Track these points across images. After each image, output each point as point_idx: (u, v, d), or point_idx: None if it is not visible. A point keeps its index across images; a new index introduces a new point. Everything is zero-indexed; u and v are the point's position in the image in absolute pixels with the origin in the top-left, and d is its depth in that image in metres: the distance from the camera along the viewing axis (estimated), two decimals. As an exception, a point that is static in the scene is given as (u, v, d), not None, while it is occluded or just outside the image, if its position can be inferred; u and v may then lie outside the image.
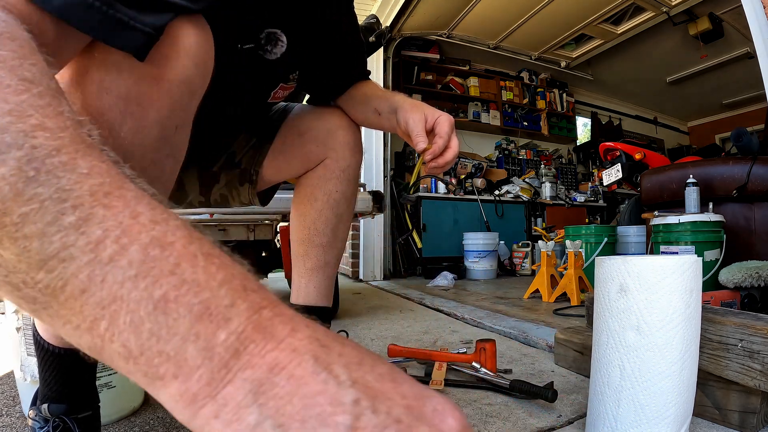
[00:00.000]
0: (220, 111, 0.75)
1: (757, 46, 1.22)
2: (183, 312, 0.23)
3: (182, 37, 0.44)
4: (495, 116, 5.05)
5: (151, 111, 0.43)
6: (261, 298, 0.25)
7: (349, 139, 0.90)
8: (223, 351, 0.22)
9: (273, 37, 0.69)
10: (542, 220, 4.60)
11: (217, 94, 0.69)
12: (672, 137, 6.58)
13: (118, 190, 0.24)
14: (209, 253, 0.25)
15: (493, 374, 0.98)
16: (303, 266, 0.91)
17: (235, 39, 0.65)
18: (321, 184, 0.90)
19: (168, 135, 0.46)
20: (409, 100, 0.82)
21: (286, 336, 0.23)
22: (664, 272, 0.62)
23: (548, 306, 2.08)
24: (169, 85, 0.44)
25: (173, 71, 0.44)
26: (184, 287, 0.23)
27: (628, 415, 0.63)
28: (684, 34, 4.20)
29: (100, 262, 0.23)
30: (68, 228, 0.23)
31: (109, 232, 0.23)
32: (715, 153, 4.13)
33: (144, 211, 0.24)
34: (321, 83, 0.92)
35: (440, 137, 0.76)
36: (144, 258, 0.23)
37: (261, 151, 0.90)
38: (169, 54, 0.43)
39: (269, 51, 0.70)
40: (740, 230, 1.87)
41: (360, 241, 3.59)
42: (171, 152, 0.48)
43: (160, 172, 0.48)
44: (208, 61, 0.48)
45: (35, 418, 0.65)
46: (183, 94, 0.46)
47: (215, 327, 0.23)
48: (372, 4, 3.65)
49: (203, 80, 0.49)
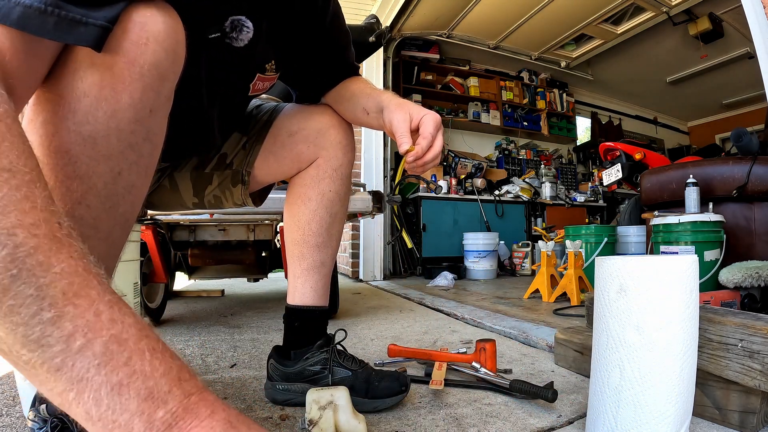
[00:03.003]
0: (201, 107, 0.75)
1: (757, 46, 1.22)
2: (133, 394, 0.31)
3: (150, 24, 0.47)
4: (495, 116, 5.05)
5: (123, 95, 0.46)
6: (191, 386, 0.34)
7: (341, 138, 0.90)
8: (161, 424, 0.31)
9: (237, 23, 0.69)
10: (542, 220, 4.60)
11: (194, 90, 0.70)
12: (672, 137, 6.58)
13: (85, 289, 0.31)
14: (155, 348, 0.33)
15: (493, 374, 0.98)
16: (298, 267, 0.91)
17: (200, 29, 0.66)
18: (314, 184, 0.89)
19: (142, 118, 0.48)
20: (395, 99, 0.80)
21: (206, 416, 0.33)
22: (664, 272, 0.62)
23: (548, 306, 2.08)
24: (140, 70, 0.46)
25: (143, 56, 0.46)
26: (134, 376, 0.31)
27: (628, 415, 0.63)
28: (684, 34, 4.21)
29: (71, 351, 0.30)
30: (46, 322, 0.29)
31: (77, 328, 0.30)
32: (715, 153, 4.13)
33: (105, 309, 0.32)
34: (306, 79, 0.92)
35: (424, 138, 0.74)
36: (104, 351, 0.31)
37: (252, 152, 0.90)
38: (138, 40, 0.46)
39: (235, 38, 0.70)
40: (740, 230, 1.87)
41: (360, 241, 3.59)
42: (147, 136, 0.50)
43: (138, 156, 0.50)
44: (177, 46, 0.50)
45: (34, 419, 0.65)
46: (154, 78, 0.48)
47: (156, 407, 0.31)
48: (372, 4, 3.65)
49: (174, 65, 0.51)
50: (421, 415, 0.83)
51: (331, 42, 0.88)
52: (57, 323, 0.30)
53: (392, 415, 0.84)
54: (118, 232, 0.52)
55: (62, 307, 0.30)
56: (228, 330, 1.64)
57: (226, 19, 0.68)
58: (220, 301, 2.48)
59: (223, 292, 2.81)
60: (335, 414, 0.70)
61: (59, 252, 0.31)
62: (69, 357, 0.30)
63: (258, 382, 1.03)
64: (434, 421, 0.80)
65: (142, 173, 0.52)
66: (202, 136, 0.82)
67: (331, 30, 0.86)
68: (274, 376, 0.90)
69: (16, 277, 0.29)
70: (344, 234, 3.73)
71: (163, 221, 1.89)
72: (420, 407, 0.87)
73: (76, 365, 0.30)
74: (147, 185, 0.54)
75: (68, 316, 0.30)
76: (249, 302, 2.41)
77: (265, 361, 1.04)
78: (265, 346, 1.38)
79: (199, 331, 1.63)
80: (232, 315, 1.99)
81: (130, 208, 0.52)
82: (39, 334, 0.29)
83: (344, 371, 0.87)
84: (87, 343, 0.30)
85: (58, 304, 0.30)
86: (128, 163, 0.49)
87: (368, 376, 0.86)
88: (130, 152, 0.49)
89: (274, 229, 2.19)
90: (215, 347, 1.37)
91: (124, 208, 0.51)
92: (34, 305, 0.29)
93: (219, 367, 1.16)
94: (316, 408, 0.71)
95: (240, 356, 1.26)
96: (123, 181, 0.49)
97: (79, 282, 0.31)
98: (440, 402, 0.90)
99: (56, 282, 0.30)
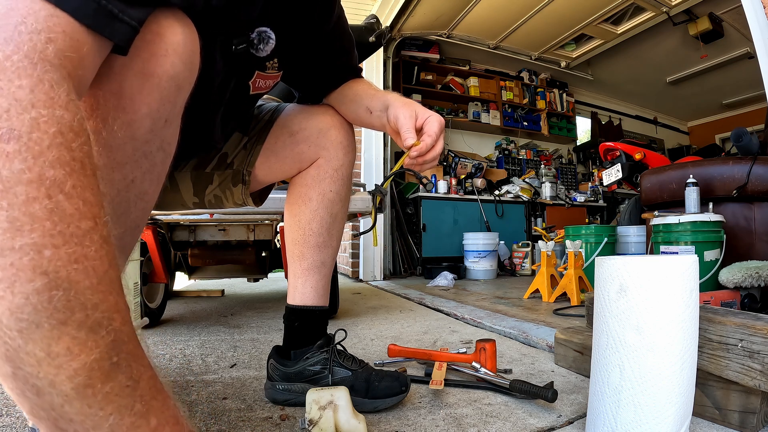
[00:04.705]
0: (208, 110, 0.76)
1: (757, 46, 1.22)
2: None
3: (170, 35, 0.46)
4: (495, 116, 5.05)
5: (141, 105, 0.45)
6: None
7: (342, 138, 0.90)
8: None
9: (265, 35, 0.70)
10: (542, 220, 4.60)
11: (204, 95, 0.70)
12: (672, 137, 6.58)
13: (161, 393, 0.32)
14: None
15: (493, 374, 0.98)
16: (299, 267, 0.91)
17: (227, 40, 0.66)
18: (314, 184, 0.89)
19: (157, 128, 0.48)
20: (401, 98, 0.82)
21: None
22: (664, 272, 0.62)
23: (548, 306, 2.08)
24: (158, 81, 0.46)
25: (161, 68, 0.46)
26: None
27: (627, 415, 0.63)
28: (684, 34, 4.21)
29: None
30: (137, 414, 0.30)
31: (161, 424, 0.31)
32: (715, 153, 4.13)
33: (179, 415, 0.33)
34: (309, 80, 0.92)
35: (429, 136, 0.76)
36: None
37: (253, 152, 0.90)
38: (158, 51, 0.46)
39: (262, 49, 0.71)
40: (740, 230, 1.87)
41: (360, 241, 3.59)
42: (161, 145, 0.50)
43: (151, 164, 0.50)
44: (194, 58, 0.50)
45: (35, 419, 0.65)
46: (171, 90, 0.48)
47: None
48: (372, 4, 3.65)
49: (190, 76, 0.51)
50: (421, 415, 0.83)
51: (335, 44, 0.88)
52: (147, 417, 0.30)
53: (392, 415, 0.84)
54: (128, 238, 0.52)
55: (149, 401, 0.30)
56: (228, 330, 1.64)
57: (253, 30, 0.69)
58: (220, 301, 2.48)
59: (223, 292, 2.81)
60: (335, 414, 0.70)
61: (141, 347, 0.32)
62: None
63: (258, 382, 1.03)
64: (434, 421, 0.80)
65: (155, 181, 0.52)
66: (205, 137, 0.82)
67: (334, 32, 0.86)
68: (274, 376, 0.90)
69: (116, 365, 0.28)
70: (344, 234, 3.73)
71: (163, 221, 1.89)
72: (420, 407, 0.87)
73: None
74: (158, 192, 0.54)
75: (154, 411, 0.31)
76: (249, 302, 2.41)
77: (265, 361, 1.04)
78: (265, 346, 1.38)
79: (199, 331, 1.63)
80: (232, 315, 1.99)
81: (141, 215, 0.52)
82: (129, 425, 0.29)
83: (344, 371, 0.87)
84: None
85: (146, 397, 0.30)
86: (142, 171, 0.49)
87: (368, 376, 0.86)
88: (144, 161, 0.49)
89: (275, 229, 2.19)
90: (215, 347, 1.37)
91: (136, 215, 0.51)
92: (130, 395, 0.29)
93: (219, 367, 1.16)
94: (316, 408, 0.71)
95: (240, 356, 1.26)
96: (136, 188, 0.49)
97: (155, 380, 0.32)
98: (440, 402, 0.90)
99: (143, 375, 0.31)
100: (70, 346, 0.26)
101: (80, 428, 0.28)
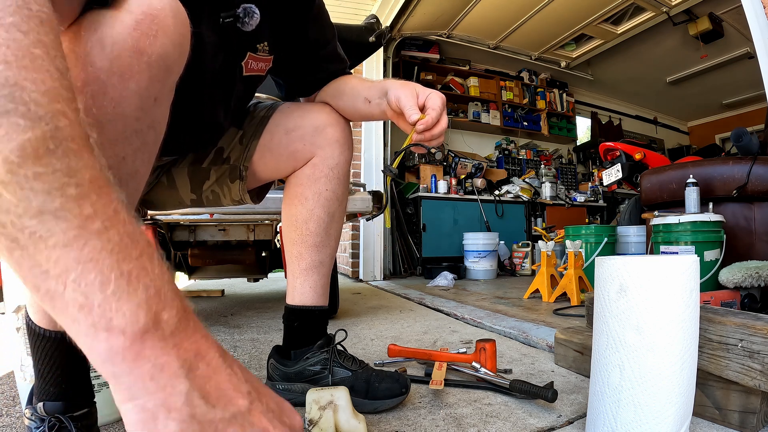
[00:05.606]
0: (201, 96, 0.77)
1: (757, 46, 1.22)
2: (141, 287, 0.30)
3: (161, 16, 0.48)
4: (495, 116, 5.05)
5: (130, 83, 0.47)
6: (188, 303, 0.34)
7: (339, 136, 0.89)
8: (166, 326, 0.31)
9: (249, 10, 0.74)
10: (542, 220, 4.60)
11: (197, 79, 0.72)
12: (672, 137, 6.58)
13: (107, 187, 0.31)
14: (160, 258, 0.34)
15: (493, 374, 0.98)
16: (297, 267, 0.91)
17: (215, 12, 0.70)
18: (310, 183, 0.89)
19: (147, 106, 0.50)
20: (399, 81, 0.83)
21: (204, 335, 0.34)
22: (664, 272, 0.62)
23: (548, 306, 2.08)
24: (148, 60, 0.47)
25: (151, 47, 0.47)
26: (143, 271, 0.31)
27: (627, 415, 0.63)
28: (684, 34, 4.21)
29: (86, 230, 0.29)
30: (69, 197, 0.28)
31: (98, 213, 0.29)
32: (715, 153, 4.13)
33: (121, 209, 0.32)
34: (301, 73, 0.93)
35: (433, 110, 0.77)
36: (119, 240, 0.30)
37: (249, 147, 0.90)
38: (148, 32, 0.47)
39: (247, 23, 0.75)
40: (740, 230, 1.87)
41: (360, 241, 3.59)
42: (151, 124, 0.52)
43: (142, 142, 0.51)
44: (183, 39, 0.51)
45: (31, 418, 0.65)
46: (160, 69, 0.49)
47: (163, 306, 0.31)
48: (372, 4, 3.65)
49: (180, 58, 0.52)
50: (421, 415, 0.83)
51: (318, 32, 0.90)
52: (79, 201, 0.28)
53: (392, 415, 0.84)
54: None
55: (87, 190, 0.29)
56: (228, 330, 1.64)
57: (239, 6, 0.73)
58: (220, 301, 2.48)
59: (223, 292, 2.81)
60: (335, 414, 0.70)
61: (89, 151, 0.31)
62: (83, 235, 0.28)
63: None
64: (434, 421, 0.80)
65: (146, 160, 0.53)
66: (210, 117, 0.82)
67: (316, 21, 0.89)
68: (274, 376, 0.90)
69: (52, 152, 0.28)
70: (344, 234, 3.73)
71: (163, 221, 1.89)
72: (420, 407, 0.87)
73: (88, 244, 0.29)
74: (148, 173, 0.55)
75: (91, 199, 0.29)
76: (249, 302, 2.41)
77: (265, 361, 1.04)
78: (265, 346, 1.37)
79: (199, 331, 1.62)
80: (232, 315, 1.99)
81: (132, 193, 0.53)
82: (58, 205, 0.28)
83: (344, 371, 0.86)
84: (104, 229, 0.29)
85: (83, 186, 0.29)
86: (133, 149, 0.50)
87: (368, 376, 0.86)
88: (135, 138, 0.50)
89: (274, 228, 2.19)
90: (215, 347, 1.37)
91: (127, 194, 0.52)
92: (62, 179, 0.28)
93: (219, 367, 1.16)
94: (316, 408, 0.71)
95: (240, 356, 1.26)
96: (127, 166, 0.50)
97: (101, 178, 0.31)
98: (440, 402, 0.90)
99: (85, 169, 0.29)
100: (8, 131, 0.27)
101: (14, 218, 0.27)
